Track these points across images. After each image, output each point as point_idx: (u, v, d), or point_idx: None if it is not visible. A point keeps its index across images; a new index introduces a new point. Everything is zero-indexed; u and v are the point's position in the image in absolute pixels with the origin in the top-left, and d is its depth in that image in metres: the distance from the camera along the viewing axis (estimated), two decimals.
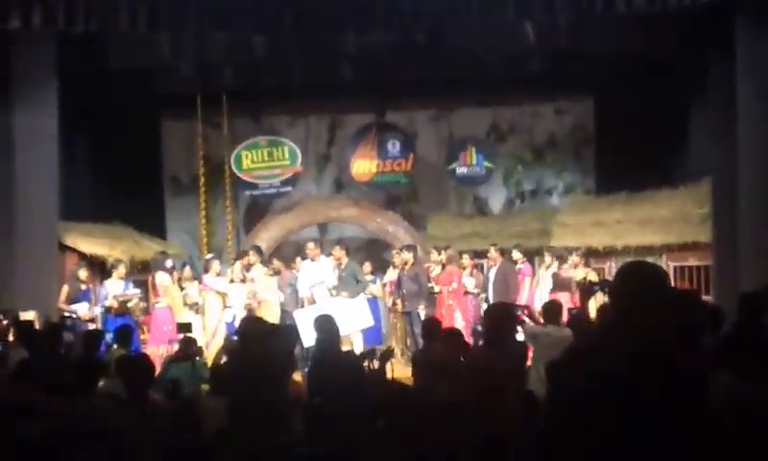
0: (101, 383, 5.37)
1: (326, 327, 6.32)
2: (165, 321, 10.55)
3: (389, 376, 7.05)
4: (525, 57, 11.97)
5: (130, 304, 10.45)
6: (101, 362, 6.00)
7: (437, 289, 11.31)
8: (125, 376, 4.59)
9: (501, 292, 11.17)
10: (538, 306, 9.71)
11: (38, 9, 9.67)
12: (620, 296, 2.60)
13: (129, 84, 12.42)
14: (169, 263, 11.06)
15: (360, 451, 4.44)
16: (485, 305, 11.26)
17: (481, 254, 12.59)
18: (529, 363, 7.56)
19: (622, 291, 2.59)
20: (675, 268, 11.49)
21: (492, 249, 11.77)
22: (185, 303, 10.85)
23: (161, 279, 10.75)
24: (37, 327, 8.61)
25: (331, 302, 10.85)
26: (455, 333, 6.96)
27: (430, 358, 6.42)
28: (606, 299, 8.94)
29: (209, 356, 8.64)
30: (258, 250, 11.84)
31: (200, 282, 11.08)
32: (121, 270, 10.72)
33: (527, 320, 8.66)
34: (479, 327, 10.36)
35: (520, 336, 8.03)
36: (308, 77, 12.92)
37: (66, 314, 9.83)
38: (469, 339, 10.47)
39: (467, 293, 11.51)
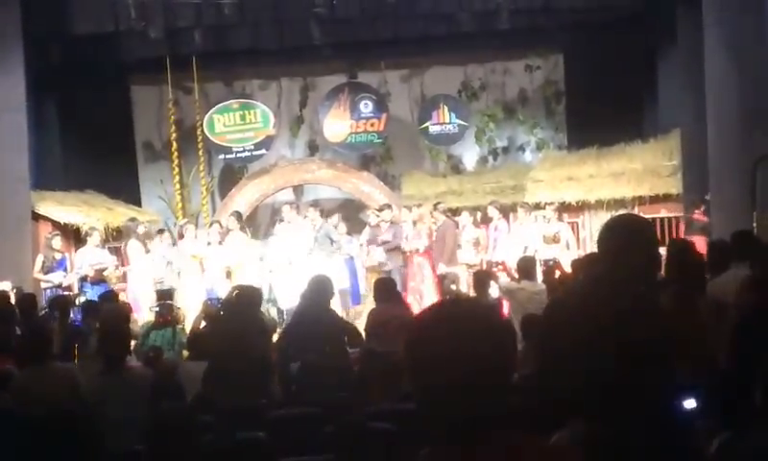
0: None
1: (321, 287, 6.44)
2: (136, 288, 10.60)
3: None
4: (495, 13, 11.94)
5: (106, 273, 10.45)
6: (76, 329, 6.02)
7: (408, 247, 11.37)
8: (101, 343, 4.59)
9: (439, 251, 11.17)
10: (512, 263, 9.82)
11: None
12: (607, 250, 2.57)
13: (96, 50, 12.27)
14: (141, 229, 11.03)
15: (339, 410, 4.52)
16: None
17: (455, 212, 12.64)
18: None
19: (609, 245, 2.56)
20: None
21: (434, 209, 11.62)
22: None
23: (132, 246, 10.75)
24: (12, 298, 8.58)
25: (308, 263, 10.89)
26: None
27: (384, 317, 6.68)
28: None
29: (188, 322, 8.67)
30: (238, 215, 11.85)
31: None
32: (95, 238, 10.68)
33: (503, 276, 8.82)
34: (453, 287, 10.47)
35: (496, 292, 8.17)
36: (279, 39, 12.81)
37: (44, 287, 9.82)
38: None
39: None
